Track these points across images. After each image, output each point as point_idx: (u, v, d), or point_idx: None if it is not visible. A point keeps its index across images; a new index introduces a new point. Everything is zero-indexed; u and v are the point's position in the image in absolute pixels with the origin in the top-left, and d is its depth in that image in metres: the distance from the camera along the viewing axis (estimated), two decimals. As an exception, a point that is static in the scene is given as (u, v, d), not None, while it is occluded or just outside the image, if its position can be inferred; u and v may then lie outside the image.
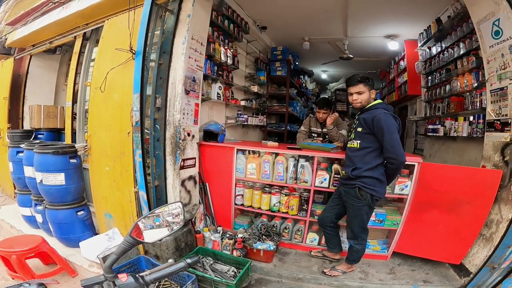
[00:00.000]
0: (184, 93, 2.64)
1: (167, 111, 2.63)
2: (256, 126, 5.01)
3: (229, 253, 2.61)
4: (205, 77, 3.25)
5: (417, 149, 5.11)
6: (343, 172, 2.34)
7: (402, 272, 2.55)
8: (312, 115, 3.42)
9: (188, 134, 2.69)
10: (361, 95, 2.16)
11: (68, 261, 2.61)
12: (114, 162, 2.62)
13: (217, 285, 2.19)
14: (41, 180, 2.61)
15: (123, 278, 0.80)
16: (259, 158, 2.86)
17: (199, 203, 3.02)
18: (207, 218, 3.11)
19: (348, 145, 2.29)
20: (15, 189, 3.57)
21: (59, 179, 2.60)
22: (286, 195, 2.85)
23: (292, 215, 2.87)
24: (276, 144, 3.02)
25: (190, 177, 2.84)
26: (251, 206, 3.02)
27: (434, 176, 2.40)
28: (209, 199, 3.10)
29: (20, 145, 3.05)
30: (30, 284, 0.75)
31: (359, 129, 2.16)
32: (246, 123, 4.14)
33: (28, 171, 2.87)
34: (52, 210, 2.73)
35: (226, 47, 3.57)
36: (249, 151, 2.96)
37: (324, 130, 3.10)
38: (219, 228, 2.87)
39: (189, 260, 0.94)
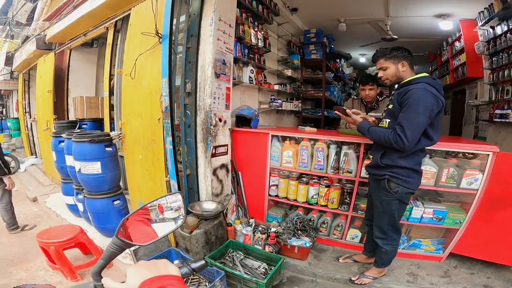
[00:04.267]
0: (215, 77, 2.49)
1: (197, 96, 2.50)
2: (291, 111, 4.74)
3: (261, 248, 2.45)
4: (236, 60, 3.08)
5: (478, 138, 4.46)
6: (371, 156, 2.01)
7: (458, 276, 2.22)
8: (355, 97, 3.05)
9: (220, 120, 2.54)
10: (385, 70, 1.83)
11: None
12: (146, 150, 2.57)
13: (246, 282, 2.05)
14: (80, 169, 2.64)
15: None
16: (296, 145, 2.62)
17: (231, 193, 2.89)
18: (239, 209, 2.98)
19: (379, 125, 1.92)
20: (60, 178, 3.76)
21: (95, 167, 2.61)
22: (326, 186, 2.58)
23: (332, 208, 2.60)
24: (315, 129, 2.74)
25: (222, 166, 2.71)
26: (286, 198, 2.81)
27: (513, 168, 1.96)
28: (242, 189, 2.95)
29: (61, 135, 3.15)
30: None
31: (390, 106, 1.83)
32: (280, 108, 3.90)
33: (69, 160, 2.94)
34: (90, 199, 2.77)
35: (256, 29, 3.36)
36: (285, 137, 2.72)
37: (371, 113, 2.70)
38: (251, 221, 2.70)
39: (194, 265, 0.75)
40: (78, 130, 3.66)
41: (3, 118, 12.07)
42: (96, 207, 2.78)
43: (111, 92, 3.72)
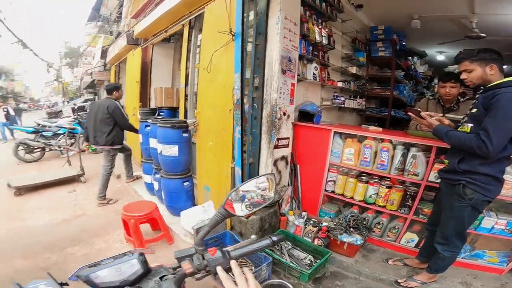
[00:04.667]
0: (281, 73, 2.62)
1: (265, 90, 2.67)
2: (353, 109, 4.62)
3: (310, 240, 2.53)
4: (300, 57, 3.16)
5: None
6: (446, 161, 1.89)
7: None
8: (430, 97, 2.84)
9: (284, 114, 2.68)
10: (470, 73, 1.71)
11: (171, 229, 2.96)
12: (217, 137, 2.86)
13: (290, 271, 2.16)
14: (161, 151, 3.09)
15: (212, 252, 0.80)
16: (359, 144, 2.61)
17: (288, 185, 3.02)
18: (294, 201, 3.09)
19: (459, 129, 1.80)
20: (141, 158, 4.40)
21: (174, 150, 3.03)
22: (387, 187, 2.52)
23: (390, 210, 2.54)
24: (380, 129, 2.67)
25: (282, 157, 2.85)
26: (342, 195, 2.82)
27: None
28: (298, 182, 3.05)
29: (148, 120, 3.69)
30: (132, 254, 0.81)
31: (474, 110, 1.70)
32: (342, 105, 3.85)
33: (153, 142, 3.45)
34: (166, 179, 3.19)
35: (320, 27, 3.39)
36: (348, 134, 2.73)
37: (449, 115, 2.46)
38: (304, 213, 2.80)
39: (274, 238, 0.89)
40: (160, 117, 4.20)
41: (96, 104, 14.34)
42: (169, 186, 3.19)
43: (186, 84, 4.18)
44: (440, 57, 7.00)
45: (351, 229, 2.53)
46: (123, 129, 3.99)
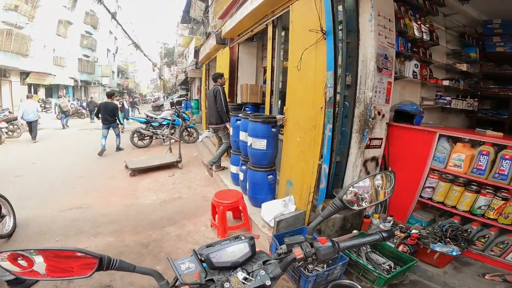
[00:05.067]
0: (377, 71, 2.50)
1: (357, 89, 2.60)
2: (461, 110, 3.99)
3: (393, 246, 2.38)
4: (398, 54, 2.93)
5: None
6: None
7: None
8: None
9: (379, 113, 2.55)
10: None
11: (250, 219, 3.10)
12: (305, 134, 2.93)
13: (366, 273, 2.08)
14: (251, 144, 3.33)
15: (322, 241, 0.83)
16: (472, 149, 2.29)
17: (378, 187, 2.87)
18: (380, 204, 2.92)
19: None
20: (228, 150, 4.78)
21: (262, 144, 3.23)
22: (503, 199, 2.18)
23: (503, 223, 2.21)
24: (500, 134, 2.27)
25: (373, 158, 2.73)
26: (442, 203, 2.56)
27: None
28: (389, 186, 2.86)
29: (238, 115, 4.03)
30: (244, 237, 0.90)
31: None
32: (447, 106, 3.38)
33: (242, 136, 3.74)
34: (252, 170, 3.42)
35: (419, 22, 3.08)
36: (457, 138, 2.43)
37: None
38: (390, 218, 2.65)
39: (384, 234, 0.87)
40: (248, 112, 4.52)
41: (188, 99, 16.33)
42: (254, 178, 3.41)
43: (271, 81, 4.35)
44: None
45: (448, 239, 2.33)
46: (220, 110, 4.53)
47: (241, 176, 3.88)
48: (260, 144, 3.24)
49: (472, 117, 4.31)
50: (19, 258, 0.67)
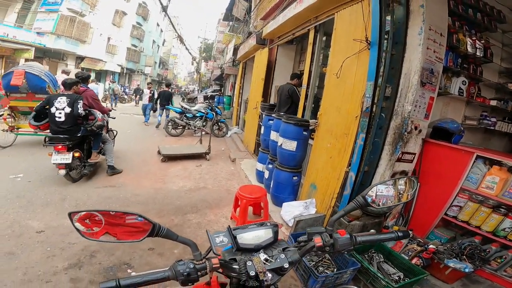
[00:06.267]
0: (420, 85, 2.48)
1: (397, 101, 2.59)
2: (506, 134, 3.75)
3: (406, 258, 2.39)
4: (445, 69, 2.85)
5: None
6: None
7: None
8: None
9: (416, 128, 2.54)
10: None
11: (270, 216, 3.19)
12: (336, 140, 2.98)
13: (374, 282, 2.11)
14: (281, 144, 3.44)
15: (342, 233, 0.90)
16: (508, 173, 2.23)
17: (400, 200, 2.84)
18: (401, 217, 2.92)
19: None
20: (255, 148, 4.95)
21: (292, 145, 3.33)
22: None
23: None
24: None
25: (402, 172, 2.71)
26: (466, 222, 2.56)
27: None
28: (414, 199, 2.82)
29: (271, 115, 4.16)
30: (269, 223, 0.96)
31: None
32: (492, 127, 3.21)
33: (273, 135, 3.87)
34: (278, 170, 3.52)
35: (474, 38, 2.95)
36: (494, 161, 2.37)
37: None
38: (409, 232, 2.60)
39: (400, 233, 0.93)
40: (282, 113, 4.61)
41: (221, 94, 16.81)
42: (280, 177, 3.51)
43: (307, 85, 4.42)
44: None
45: (464, 256, 2.37)
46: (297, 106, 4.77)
47: (266, 174, 3.99)
48: (291, 145, 3.33)
49: (517, 141, 4.02)
50: (86, 219, 0.79)
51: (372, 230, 1.04)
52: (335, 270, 2.25)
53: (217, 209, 3.58)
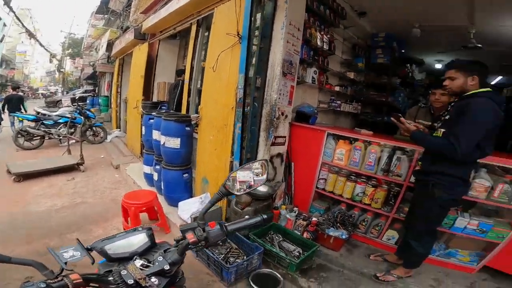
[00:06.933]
0: (282, 75, 2.79)
1: (265, 91, 2.84)
2: (349, 113, 4.82)
3: (299, 233, 2.68)
4: (301, 61, 3.33)
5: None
6: (420, 163, 2.10)
7: None
8: (423, 105, 3.01)
9: (282, 114, 2.86)
10: (452, 80, 1.87)
11: (167, 219, 3.06)
12: (218, 132, 3.03)
13: (280, 261, 2.33)
14: (164, 143, 3.23)
15: (212, 225, 0.94)
16: (350, 145, 2.80)
17: (282, 181, 3.20)
18: (287, 196, 3.26)
19: (434, 134, 1.97)
20: (141, 151, 4.53)
21: (176, 143, 3.17)
22: (373, 186, 2.72)
23: (374, 208, 2.73)
24: (371, 132, 2.86)
25: (278, 155, 3.03)
26: (332, 192, 3.00)
27: None
28: (292, 178, 3.23)
29: (152, 113, 3.85)
30: (142, 228, 0.95)
31: (447, 117, 1.89)
32: (338, 109, 4.05)
33: (155, 134, 3.59)
34: (166, 169, 3.32)
35: (322, 33, 3.56)
36: (340, 136, 2.92)
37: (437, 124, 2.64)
38: (295, 208, 2.97)
39: (265, 216, 1.02)
40: (163, 111, 4.36)
41: (95, 95, 14.45)
42: (169, 177, 3.33)
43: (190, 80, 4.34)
44: (438, 66, 7.19)
45: (338, 224, 2.69)
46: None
47: (156, 176, 3.73)
48: (174, 142, 3.18)
49: (357, 119, 5.26)
50: None
51: (246, 216, 1.09)
52: (245, 256, 2.31)
53: (105, 222, 3.16)
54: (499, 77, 7.78)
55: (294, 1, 2.75)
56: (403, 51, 5.46)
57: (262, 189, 2.82)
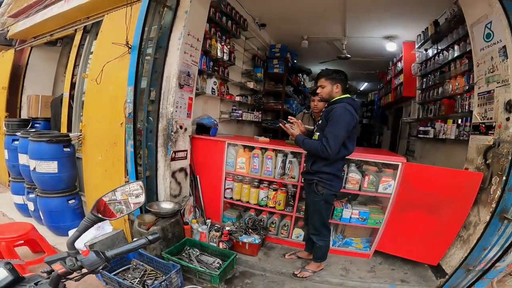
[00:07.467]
0: (178, 87, 2.69)
1: (161, 104, 2.69)
2: (251, 122, 5.05)
3: (215, 245, 2.66)
4: (201, 72, 3.30)
5: (409, 151, 5.16)
6: (304, 164, 2.37)
7: (382, 271, 2.58)
8: (306, 111, 3.40)
9: (181, 127, 2.75)
10: (323, 88, 2.18)
11: (56, 249, 2.63)
12: (107, 152, 2.69)
13: (201, 275, 2.26)
14: (35, 168, 2.68)
15: (85, 253, 0.86)
16: (249, 153, 2.91)
17: (190, 195, 3.09)
18: (197, 210, 3.16)
19: (313, 138, 2.22)
20: (9, 177, 3.63)
21: (52, 167, 2.66)
22: (274, 190, 2.90)
23: (279, 210, 2.92)
24: (267, 139, 3.05)
25: (181, 169, 2.90)
26: (240, 200, 3.06)
27: (417, 176, 2.44)
28: (200, 191, 3.15)
29: (16, 133, 3.11)
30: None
31: (320, 122, 2.18)
32: (240, 118, 4.20)
33: (23, 159, 2.93)
34: (43, 198, 2.80)
35: (223, 43, 3.62)
36: (239, 145, 3.00)
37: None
38: (208, 221, 2.92)
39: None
40: (33, 130, 3.59)
41: None
42: (49, 206, 2.84)
43: (71, 93, 3.71)
44: (322, 75, 8.38)
45: (250, 230, 2.77)
46: None
47: (31, 206, 3.15)
48: (49, 167, 2.66)
49: (259, 127, 5.60)
50: None
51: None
52: (163, 276, 2.11)
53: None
54: (365, 83, 9.73)
55: (195, 11, 2.72)
56: (295, 61, 6.14)
57: (167, 206, 2.68)
